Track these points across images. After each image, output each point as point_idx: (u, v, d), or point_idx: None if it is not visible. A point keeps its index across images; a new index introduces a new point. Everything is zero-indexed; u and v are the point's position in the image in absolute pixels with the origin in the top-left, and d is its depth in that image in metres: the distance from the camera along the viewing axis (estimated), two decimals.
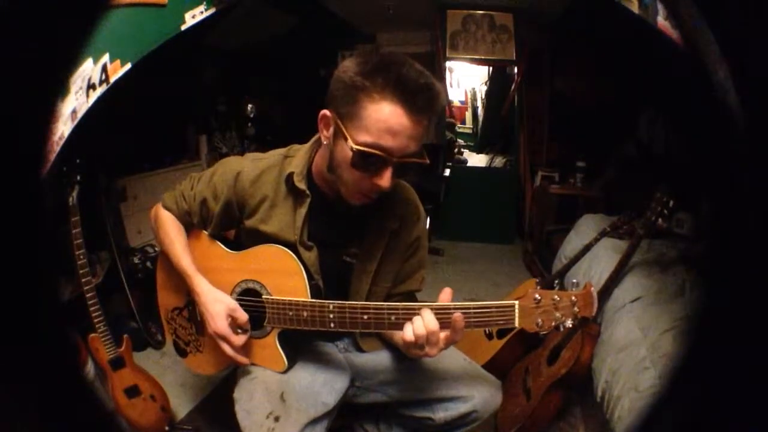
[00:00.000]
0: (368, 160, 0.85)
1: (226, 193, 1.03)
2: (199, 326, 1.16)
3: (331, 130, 0.90)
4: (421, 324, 0.84)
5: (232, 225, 1.09)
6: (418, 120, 0.83)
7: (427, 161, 0.89)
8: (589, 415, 1.60)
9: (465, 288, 2.74)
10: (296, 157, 1.01)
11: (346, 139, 0.85)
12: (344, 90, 0.84)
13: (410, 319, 0.86)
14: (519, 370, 1.65)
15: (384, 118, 0.82)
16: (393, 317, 0.88)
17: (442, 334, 0.84)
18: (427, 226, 1.17)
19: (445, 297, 0.87)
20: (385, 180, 0.86)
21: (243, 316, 0.99)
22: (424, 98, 0.82)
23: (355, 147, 0.84)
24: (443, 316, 0.85)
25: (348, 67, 0.85)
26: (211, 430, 1.53)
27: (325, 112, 0.90)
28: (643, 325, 1.48)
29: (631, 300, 1.61)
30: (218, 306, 0.99)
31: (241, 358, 1.01)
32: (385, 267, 1.05)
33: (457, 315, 0.83)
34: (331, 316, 0.92)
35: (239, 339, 0.99)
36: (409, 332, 0.85)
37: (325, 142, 0.93)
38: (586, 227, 2.30)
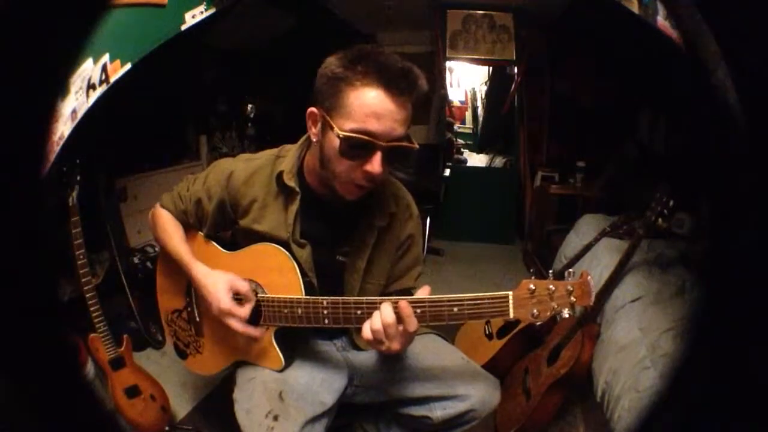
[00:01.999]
0: (356, 147, 0.86)
1: (219, 194, 1.04)
2: (198, 327, 1.16)
3: (319, 125, 0.91)
4: (378, 319, 0.84)
5: (226, 225, 1.10)
6: (401, 102, 0.85)
7: (416, 145, 0.91)
8: (589, 415, 1.60)
9: (465, 288, 2.72)
10: (287, 157, 1.02)
11: (332, 129, 0.86)
12: (327, 83, 0.87)
13: None
14: (519, 370, 1.65)
15: (367, 102, 0.84)
16: None
17: (401, 327, 0.85)
18: (427, 225, 1.17)
19: (423, 293, 0.88)
20: (376, 165, 0.86)
21: (244, 285, 0.99)
22: (405, 81, 0.85)
23: (342, 134, 0.85)
24: (419, 309, 0.85)
25: (330, 62, 0.88)
26: (211, 430, 1.53)
27: (312, 109, 0.92)
28: (643, 325, 1.48)
29: (631, 300, 1.61)
30: (218, 284, 0.99)
31: (253, 331, 0.98)
32: (376, 264, 1.05)
33: (403, 303, 0.84)
34: (325, 312, 0.92)
35: (244, 310, 0.98)
36: (366, 330, 0.86)
37: (314, 140, 0.94)
38: (586, 227, 2.30)
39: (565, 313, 0.83)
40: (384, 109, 0.84)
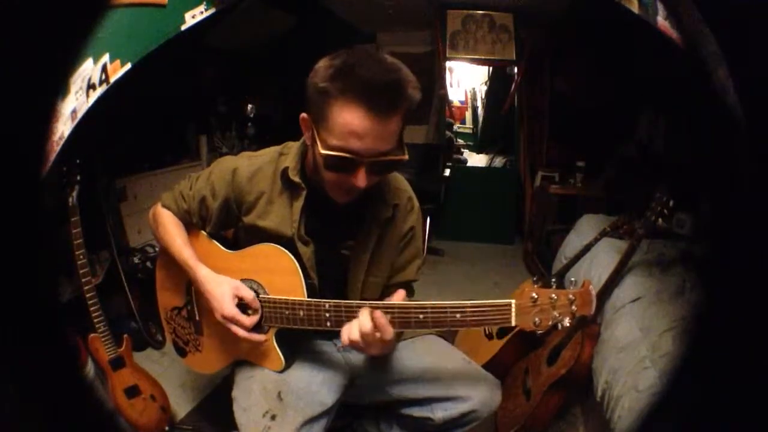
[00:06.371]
0: (338, 164, 0.86)
1: (224, 191, 1.04)
2: (197, 326, 1.16)
3: (309, 133, 0.92)
4: (356, 327, 0.87)
5: (230, 223, 1.10)
6: (382, 120, 0.81)
7: (405, 157, 0.89)
8: (589, 415, 1.60)
9: (465, 288, 2.74)
10: (290, 154, 1.02)
11: (317, 143, 0.87)
12: (313, 95, 0.85)
13: (405, 317, 0.87)
14: (519, 370, 1.65)
15: (347, 122, 0.82)
16: (388, 316, 0.88)
17: (378, 334, 0.86)
18: (427, 225, 1.18)
19: (397, 297, 0.91)
20: (360, 180, 0.86)
21: (249, 293, 0.99)
22: (387, 98, 0.81)
23: (323, 152, 0.85)
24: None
25: (317, 70, 0.86)
26: (211, 430, 1.53)
27: (304, 115, 0.92)
28: (643, 325, 1.48)
29: (631, 300, 1.60)
30: (223, 288, 0.99)
31: (256, 336, 0.99)
32: (380, 257, 1.05)
33: (377, 313, 0.86)
34: (327, 315, 0.92)
35: (250, 320, 0.98)
36: (345, 336, 0.89)
37: (308, 143, 0.95)
38: (586, 227, 2.29)
39: (566, 322, 0.84)
40: (365, 128, 0.81)
